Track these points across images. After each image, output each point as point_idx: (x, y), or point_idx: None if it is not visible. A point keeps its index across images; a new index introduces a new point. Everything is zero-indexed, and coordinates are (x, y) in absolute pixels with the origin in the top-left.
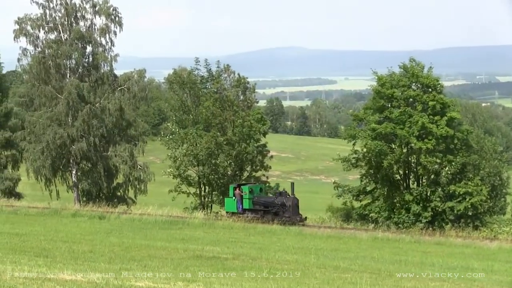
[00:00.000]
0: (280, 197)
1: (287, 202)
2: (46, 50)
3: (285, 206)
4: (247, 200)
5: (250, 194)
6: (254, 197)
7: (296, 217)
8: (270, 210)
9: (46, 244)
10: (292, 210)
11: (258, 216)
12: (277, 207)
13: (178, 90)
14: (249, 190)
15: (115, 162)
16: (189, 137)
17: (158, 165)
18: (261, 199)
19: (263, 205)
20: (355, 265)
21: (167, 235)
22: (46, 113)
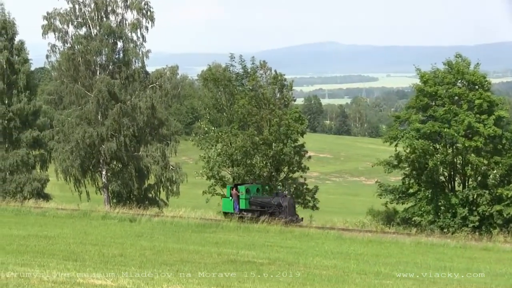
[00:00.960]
0: (276, 198)
1: (283, 202)
2: (75, 46)
3: (281, 207)
4: (244, 200)
5: (247, 194)
6: (251, 197)
7: (292, 217)
8: (267, 211)
9: (75, 247)
10: (288, 211)
11: (254, 216)
12: (274, 207)
13: (212, 87)
14: (246, 190)
15: (147, 163)
16: (224, 136)
17: (191, 166)
18: (257, 200)
19: (259, 206)
20: (397, 271)
21: (200, 238)
22: (75, 111)
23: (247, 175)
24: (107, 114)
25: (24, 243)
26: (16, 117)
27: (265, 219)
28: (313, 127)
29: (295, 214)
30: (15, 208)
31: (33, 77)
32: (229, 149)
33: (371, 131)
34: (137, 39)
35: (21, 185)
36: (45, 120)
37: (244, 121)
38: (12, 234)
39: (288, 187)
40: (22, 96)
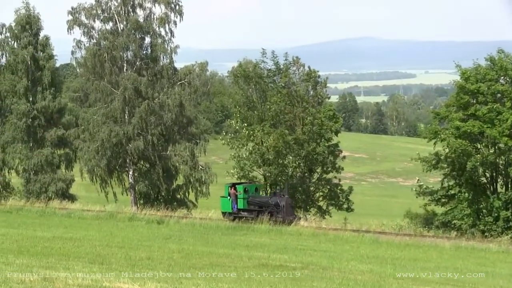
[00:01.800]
0: (274, 197)
1: (281, 202)
2: (101, 41)
3: (279, 206)
4: (242, 200)
5: (245, 193)
6: (249, 197)
7: (290, 217)
8: (264, 210)
9: (101, 249)
10: (286, 210)
11: (252, 216)
12: (271, 207)
13: (243, 84)
14: (244, 189)
15: (175, 162)
16: (256, 134)
17: (221, 166)
18: (255, 199)
19: (257, 205)
20: (436, 277)
21: (230, 241)
22: (101, 109)
23: (279, 176)
24: (134, 112)
25: (48, 245)
26: (41, 115)
27: (262, 218)
28: (348, 126)
29: (293, 213)
30: (39, 209)
31: (58, 74)
32: (261, 148)
33: (409, 130)
34: (165, 34)
35: (45, 186)
36: (70, 118)
37: (277, 119)
38: (37, 236)
39: (286, 186)
40: (47, 94)
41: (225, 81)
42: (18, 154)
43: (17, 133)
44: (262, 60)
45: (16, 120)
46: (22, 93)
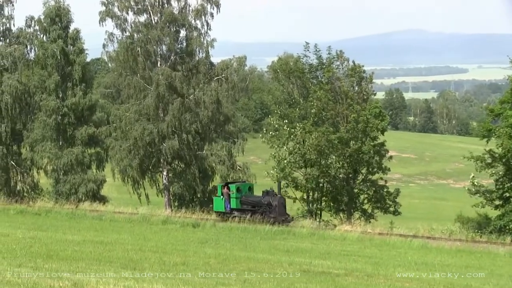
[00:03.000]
0: (266, 197)
1: (273, 201)
2: (134, 34)
3: (271, 206)
4: (235, 199)
5: (238, 193)
6: (242, 196)
7: (281, 217)
8: (257, 210)
9: (134, 254)
10: (278, 210)
11: (245, 216)
12: (264, 206)
13: (284, 80)
14: (237, 189)
15: (211, 162)
16: (297, 133)
17: (260, 166)
18: (248, 199)
19: (250, 205)
20: (490, 285)
21: (270, 246)
22: (133, 106)
23: (321, 177)
24: (168, 109)
25: (79, 249)
26: (71, 112)
27: (254, 218)
28: (394, 124)
29: (285, 213)
30: (69, 211)
31: (89, 69)
32: (302, 147)
33: (460, 129)
34: (201, 27)
35: (75, 186)
36: (102, 116)
37: (319, 116)
38: (66, 239)
39: (278, 186)
40: (77, 90)
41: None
42: (47, 153)
43: (46, 131)
44: (304, 54)
45: (45, 118)
46: (52, 89)
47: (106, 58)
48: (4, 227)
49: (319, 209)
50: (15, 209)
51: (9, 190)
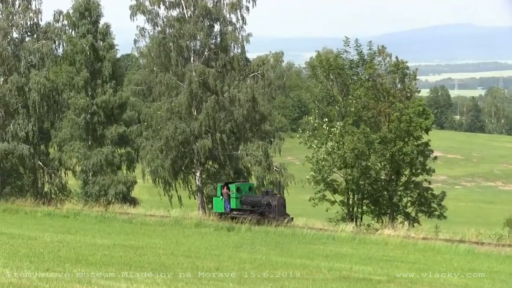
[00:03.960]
0: (266, 197)
1: (272, 201)
2: (166, 29)
3: (271, 206)
4: (234, 199)
5: (238, 193)
6: (242, 196)
7: (281, 217)
8: (256, 210)
9: (166, 259)
10: (277, 210)
11: (245, 216)
12: (263, 206)
13: (322, 76)
14: (236, 188)
15: (247, 163)
16: (335, 132)
17: (297, 167)
18: (248, 199)
19: (250, 205)
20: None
21: (308, 251)
22: (165, 104)
23: (361, 179)
24: (201, 107)
25: (108, 253)
26: (100, 110)
27: (253, 218)
28: (440, 123)
29: (285, 213)
30: (98, 213)
31: (120, 65)
32: (341, 148)
33: (509, 128)
34: (237, 21)
35: (105, 188)
36: (132, 114)
37: (359, 115)
38: (96, 243)
39: (278, 186)
40: (107, 87)
41: (303, 73)
42: (75, 153)
43: (74, 130)
44: (344, 49)
45: (74, 116)
46: (81, 86)
47: (137, 54)
48: (32, 230)
49: (359, 213)
50: (43, 212)
51: (36, 192)
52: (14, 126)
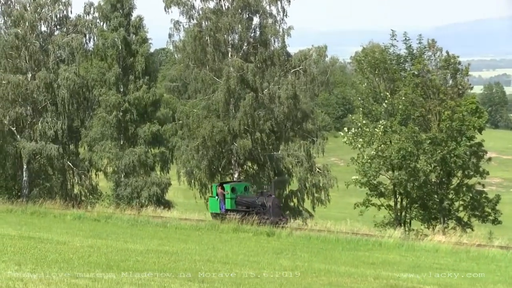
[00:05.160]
0: (261, 197)
1: (267, 202)
2: (202, 22)
3: (265, 207)
4: (229, 200)
5: (233, 193)
6: (237, 196)
7: (276, 218)
8: (251, 211)
9: (202, 265)
10: (272, 211)
11: (239, 216)
12: (258, 207)
13: (368, 72)
14: (231, 189)
15: (288, 164)
16: (377, 132)
17: (342, 169)
18: (243, 199)
19: (245, 206)
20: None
21: (353, 257)
22: (201, 101)
23: (410, 182)
24: (239, 105)
25: (141, 259)
26: (133, 108)
27: (245, 219)
28: (494, 122)
29: (280, 214)
30: (130, 217)
31: (153, 60)
32: (388, 148)
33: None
34: (277, 14)
35: (137, 190)
36: (167, 112)
37: (407, 114)
38: (128, 248)
39: (273, 186)
40: (140, 83)
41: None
42: (106, 153)
43: (106, 128)
44: (391, 43)
45: (105, 114)
46: (112, 82)
47: (172, 48)
48: (61, 234)
49: (408, 217)
50: (72, 215)
51: (65, 194)
52: (42, 124)
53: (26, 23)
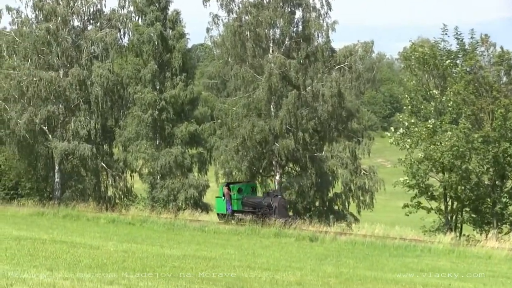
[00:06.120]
0: (267, 198)
1: (273, 203)
2: (242, 16)
3: (271, 207)
4: (236, 200)
5: (239, 194)
6: (244, 197)
7: (282, 219)
8: (257, 212)
9: (242, 272)
10: (278, 212)
11: (245, 217)
12: (264, 208)
13: (417, 69)
14: (238, 189)
15: (332, 166)
16: (429, 132)
17: (389, 170)
18: (249, 200)
19: (251, 206)
20: None
21: (400, 264)
22: (241, 99)
23: (461, 184)
24: (281, 103)
25: (178, 265)
26: (169, 106)
27: (254, 220)
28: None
29: (286, 215)
30: (167, 221)
31: (191, 56)
32: (438, 149)
33: None
34: (321, 7)
35: (174, 192)
36: (205, 111)
37: (458, 112)
38: (164, 253)
39: (280, 186)
40: (177, 80)
41: (395, 65)
42: (142, 154)
43: (141, 128)
44: (442, 38)
45: (140, 113)
46: (148, 79)
47: (210, 43)
48: (94, 238)
49: (459, 222)
50: (106, 218)
51: (99, 196)
52: (75, 123)
53: (58, 17)
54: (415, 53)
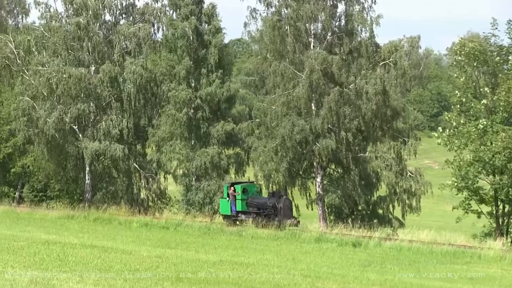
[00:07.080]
0: (272, 198)
1: (278, 203)
2: (282, 10)
3: (276, 208)
4: (240, 201)
5: (244, 194)
6: (248, 198)
7: (287, 220)
8: (262, 213)
9: (281, 278)
10: (283, 213)
11: (249, 218)
12: (269, 209)
13: (466, 65)
14: (242, 190)
15: (376, 167)
16: (479, 132)
17: (436, 173)
18: (254, 201)
19: (256, 207)
20: None
21: (448, 271)
22: (281, 97)
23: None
24: (322, 101)
25: (214, 271)
26: (205, 104)
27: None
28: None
29: (291, 216)
30: (202, 224)
31: (227, 52)
32: (488, 150)
33: None
34: (364, 1)
35: (210, 195)
36: (242, 109)
37: (510, 112)
38: (200, 259)
39: (285, 187)
40: (213, 77)
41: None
42: (176, 154)
43: (175, 127)
44: (492, 33)
45: (174, 111)
46: (182, 76)
47: (248, 38)
48: (126, 243)
49: (511, 227)
50: (139, 222)
51: (131, 198)
52: (106, 122)
53: (89, 11)
54: (464, 49)
